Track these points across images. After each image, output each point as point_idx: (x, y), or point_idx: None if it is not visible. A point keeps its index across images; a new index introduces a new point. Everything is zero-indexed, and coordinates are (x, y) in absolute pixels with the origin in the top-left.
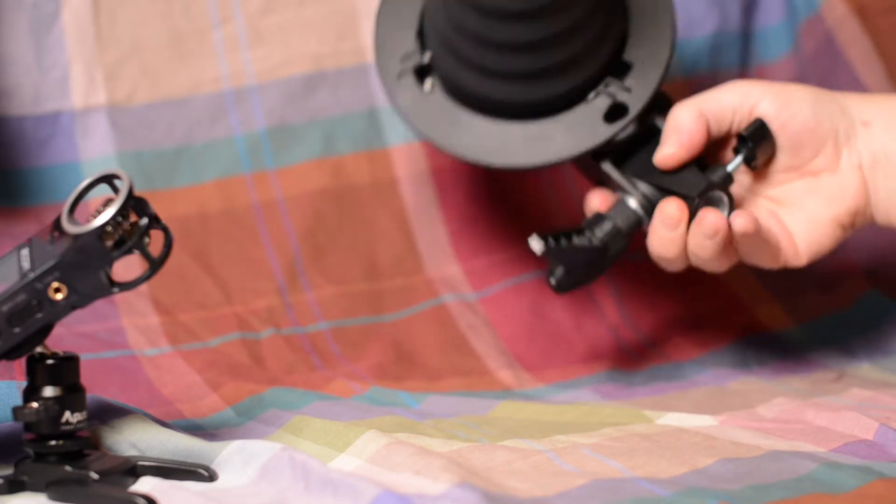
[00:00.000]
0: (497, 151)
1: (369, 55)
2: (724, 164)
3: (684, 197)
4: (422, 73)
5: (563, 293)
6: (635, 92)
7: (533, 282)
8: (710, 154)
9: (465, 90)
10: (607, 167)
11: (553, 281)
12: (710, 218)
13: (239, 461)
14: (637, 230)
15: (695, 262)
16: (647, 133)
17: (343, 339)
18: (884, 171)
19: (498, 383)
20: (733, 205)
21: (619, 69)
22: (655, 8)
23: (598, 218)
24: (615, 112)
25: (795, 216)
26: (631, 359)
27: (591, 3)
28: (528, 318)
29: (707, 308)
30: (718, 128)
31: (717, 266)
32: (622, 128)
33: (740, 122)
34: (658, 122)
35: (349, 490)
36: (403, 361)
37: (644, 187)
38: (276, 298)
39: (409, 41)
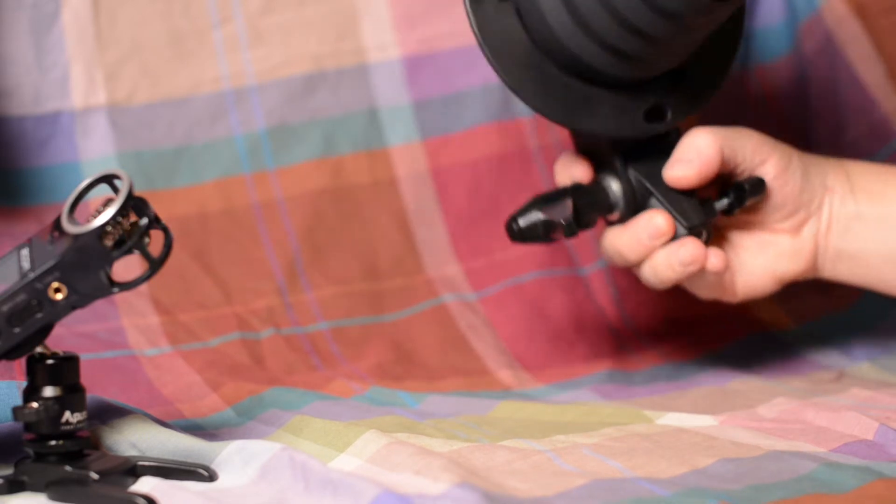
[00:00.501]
0: (539, 97)
1: (369, 55)
2: (712, 200)
3: (679, 223)
4: None
5: (516, 241)
6: (681, 105)
7: (533, 282)
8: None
9: (543, 22)
10: (614, 151)
11: (516, 227)
12: (691, 248)
13: (239, 461)
14: (608, 214)
15: (646, 273)
16: (659, 140)
17: (343, 339)
18: (836, 231)
19: (498, 383)
20: (710, 238)
21: (676, 76)
22: (725, 30)
23: (579, 188)
24: (656, 115)
25: (743, 261)
26: (631, 359)
27: (710, 31)
28: (528, 318)
29: (707, 308)
30: (724, 166)
31: (659, 285)
32: (655, 133)
33: (742, 171)
34: (671, 134)
35: (349, 490)
36: (403, 361)
37: (637, 184)
38: (276, 298)
39: None
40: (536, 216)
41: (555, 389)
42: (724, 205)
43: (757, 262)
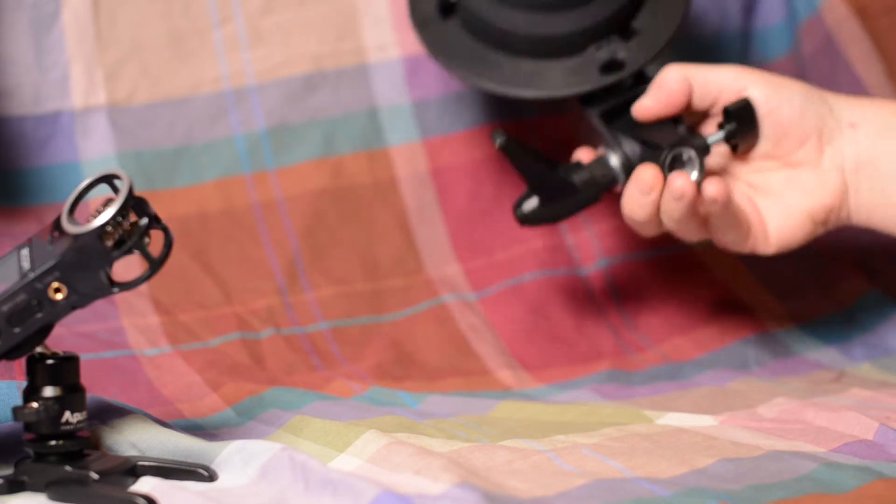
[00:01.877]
0: (500, 81)
1: (369, 55)
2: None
3: (655, 146)
4: (446, 10)
5: (525, 225)
6: (635, 54)
7: (533, 282)
8: (696, 131)
9: (476, 16)
10: (594, 117)
11: (520, 211)
12: (679, 182)
13: (239, 461)
14: (612, 187)
15: (667, 224)
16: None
17: (343, 339)
18: (867, 173)
19: (498, 383)
20: (703, 171)
21: (626, 33)
22: None
23: (577, 166)
24: (612, 67)
25: (770, 203)
26: (631, 359)
27: None
28: (528, 318)
29: (707, 308)
30: (702, 99)
31: (688, 233)
32: (614, 81)
33: (726, 101)
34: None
35: (349, 490)
36: (403, 361)
37: (627, 145)
38: (276, 298)
39: None
40: (534, 200)
41: (555, 389)
42: (719, 136)
43: (784, 201)
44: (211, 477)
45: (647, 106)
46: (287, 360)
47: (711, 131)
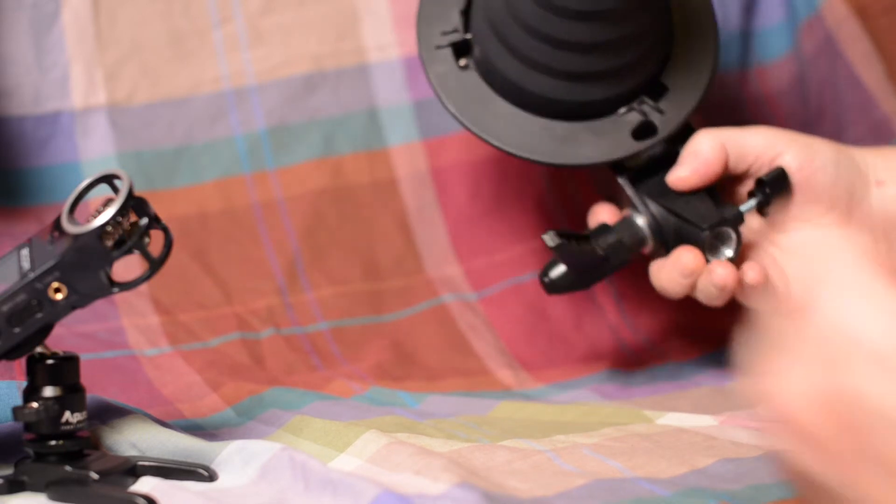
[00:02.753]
0: (522, 143)
1: (369, 55)
2: (737, 205)
3: (694, 225)
4: (460, 50)
5: (553, 293)
6: (667, 115)
7: (533, 282)
8: (724, 192)
9: (502, 75)
10: (623, 182)
11: (547, 279)
12: (721, 272)
13: (239, 461)
14: (640, 249)
15: (699, 298)
16: (669, 158)
17: (343, 339)
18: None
19: (498, 383)
20: (740, 244)
21: (655, 90)
22: (700, 35)
23: (605, 229)
24: (644, 130)
25: (797, 265)
26: (631, 359)
27: (647, 19)
28: (528, 318)
29: (707, 308)
30: (736, 166)
31: (716, 304)
32: (649, 147)
33: (760, 167)
34: (681, 148)
35: (349, 490)
36: (403, 361)
37: (655, 208)
38: (276, 298)
39: (454, 18)
40: (574, 283)
41: (555, 389)
42: (751, 205)
43: (810, 264)
44: (211, 477)
45: (684, 177)
46: (287, 360)
47: (741, 197)
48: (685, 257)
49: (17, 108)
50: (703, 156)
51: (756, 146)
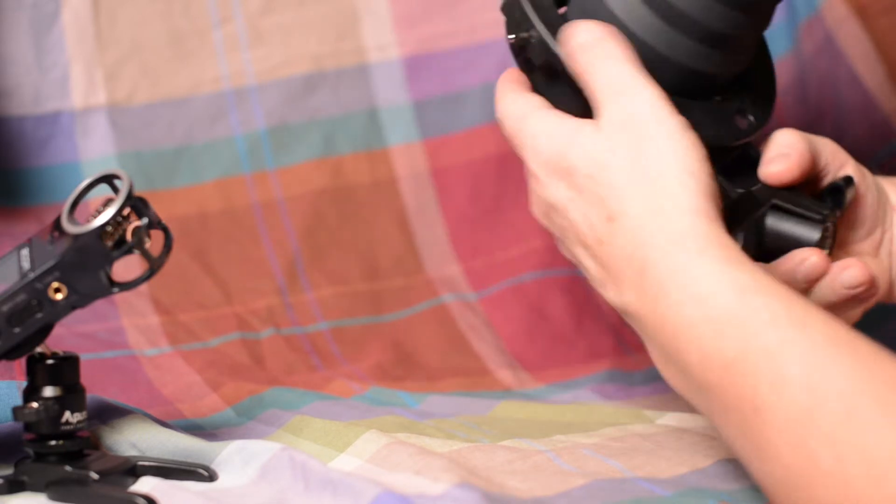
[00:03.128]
0: None
1: (369, 55)
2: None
3: (811, 215)
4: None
5: None
6: (760, 110)
7: (533, 282)
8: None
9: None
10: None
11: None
12: (855, 272)
13: (239, 461)
14: None
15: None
16: (744, 157)
17: (343, 339)
18: None
19: (498, 383)
20: (834, 241)
21: (747, 85)
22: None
23: None
24: (745, 122)
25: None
26: (631, 359)
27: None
28: (528, 318)
29: None
30: (812, 167)
31: (836, 307)
32: (749, 139)
33: (825, 177)
34: (753, 150)
35: (349, 490)
36: (403, 361)
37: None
38: (276, 298)
39: None
40: None
41: (555, 389)
42: (841, 202)
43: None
44: (211, 477)
45: (785, 169)
46: (287, 360)
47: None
48: (813, 258)
49: (18, 108)
50: (798, 148)
51: (826, 152)
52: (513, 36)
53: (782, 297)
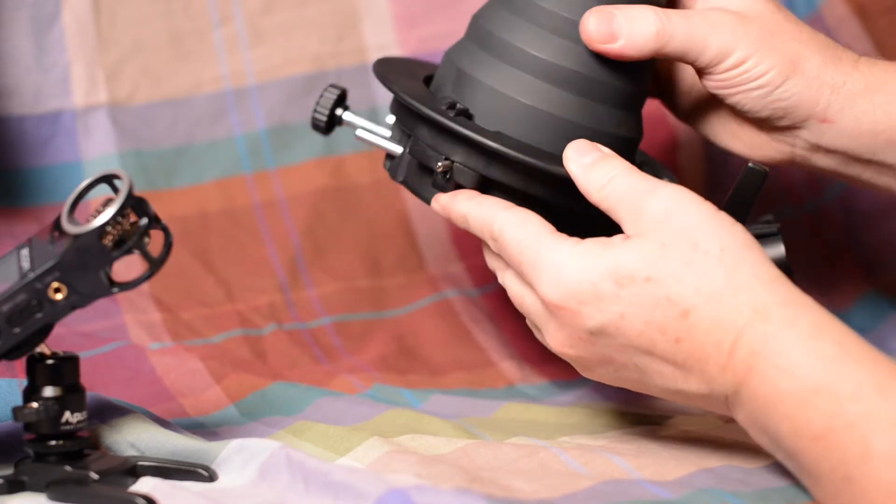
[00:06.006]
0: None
1: (370, 55)
2: None
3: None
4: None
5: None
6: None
7: None
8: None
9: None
10: None
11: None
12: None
13: (239, 461)
14: None
15: None
16: None
17: (345, 333)
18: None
19: (501, 376)
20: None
21: None
22: None
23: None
24: None
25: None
26: None
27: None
28: None
29: None
30: (669, 54)
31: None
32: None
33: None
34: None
35: (350, 490)
36: (406, 354)
37: None
38: (278, 295)
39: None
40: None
41: (558, 386)
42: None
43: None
44: (211, 477)
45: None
46: (289, 354)
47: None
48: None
49: (18, 108)
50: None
51: (708, 49)
52: (439, 164)
53: (867, 364)
